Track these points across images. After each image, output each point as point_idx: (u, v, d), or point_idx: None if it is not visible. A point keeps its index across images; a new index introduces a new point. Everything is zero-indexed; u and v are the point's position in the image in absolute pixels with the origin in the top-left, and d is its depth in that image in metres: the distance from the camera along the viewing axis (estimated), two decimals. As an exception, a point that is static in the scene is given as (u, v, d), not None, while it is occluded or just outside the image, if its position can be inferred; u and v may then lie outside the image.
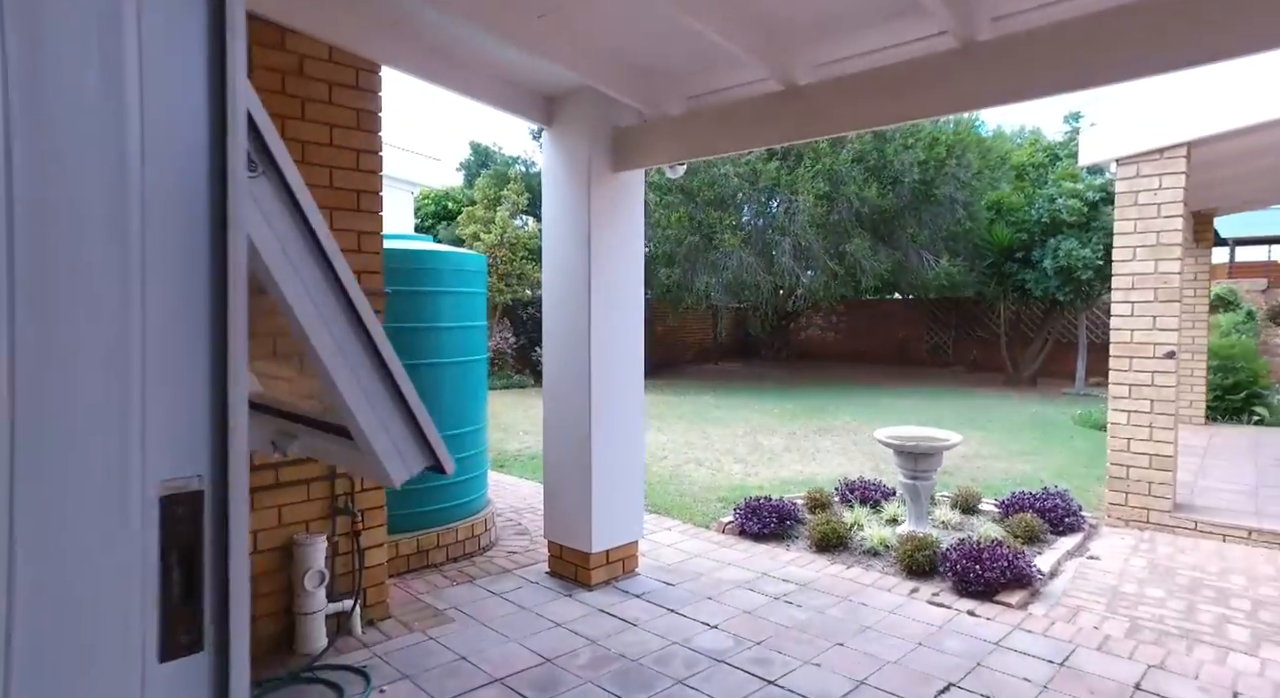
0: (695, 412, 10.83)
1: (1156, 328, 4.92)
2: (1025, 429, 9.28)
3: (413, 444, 1.32)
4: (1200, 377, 8.76)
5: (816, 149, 11.80)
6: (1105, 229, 11.50)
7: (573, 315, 3.98)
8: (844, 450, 7.95)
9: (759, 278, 12.51)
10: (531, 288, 14.25)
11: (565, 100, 3.97)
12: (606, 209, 3.94)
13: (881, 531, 4.73)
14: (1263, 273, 19.95)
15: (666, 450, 7.98)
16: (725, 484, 6.48)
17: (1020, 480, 6.51)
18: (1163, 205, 4.89)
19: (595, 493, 3.93)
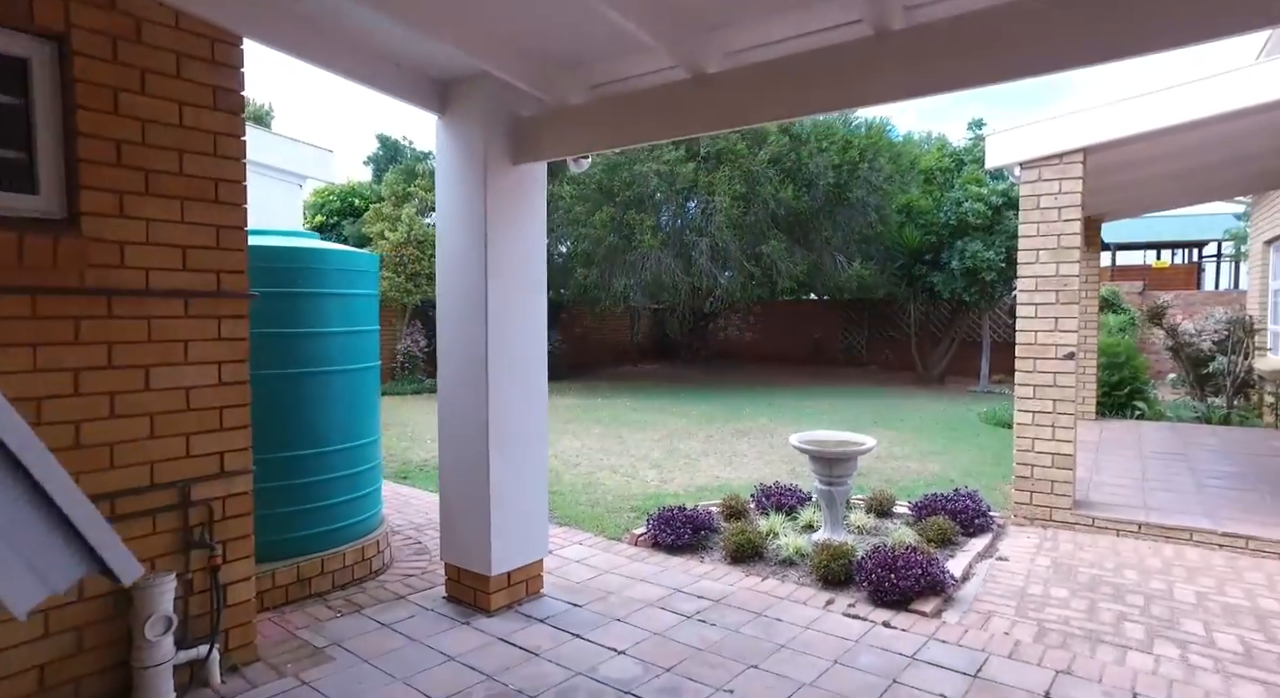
0: (612, 416, 10.61)
1: (1058, 329, 5.00)
2: (935, 428, 9.48)
3: (60, 552, 0.96)
4: (1092, 375, 9.17)
5: (735, 150, 11.78)
6: (1008, 232, 11.96)
7: (468, 321, 3.67)
8: (761, 454, 7.89)
9: (677, 279, 12.40)
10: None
11: (460, 86, 3.66)
12: (505, 205, 3.65)
13: (797, 539, 4.62)
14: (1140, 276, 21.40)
15: (580, 457, 7.72)
16: (640, 492, 6.28)
17: (932, 481, 6.58)
18: (1063, 209, 4.98)
19: (494, 512, 3.64)
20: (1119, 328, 11.72)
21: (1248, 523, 4.74)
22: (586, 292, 13.64)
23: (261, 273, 3.73)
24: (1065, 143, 4.93)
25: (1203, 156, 6.34)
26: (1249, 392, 9.82)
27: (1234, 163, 7.09)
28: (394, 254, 12.80)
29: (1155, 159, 6.05)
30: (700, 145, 12.21)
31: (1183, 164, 6.55)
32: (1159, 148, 5.44)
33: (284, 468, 3.80)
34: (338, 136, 60.57)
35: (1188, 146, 5.67)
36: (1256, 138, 5.85)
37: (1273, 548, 4.47)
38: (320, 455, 3.95)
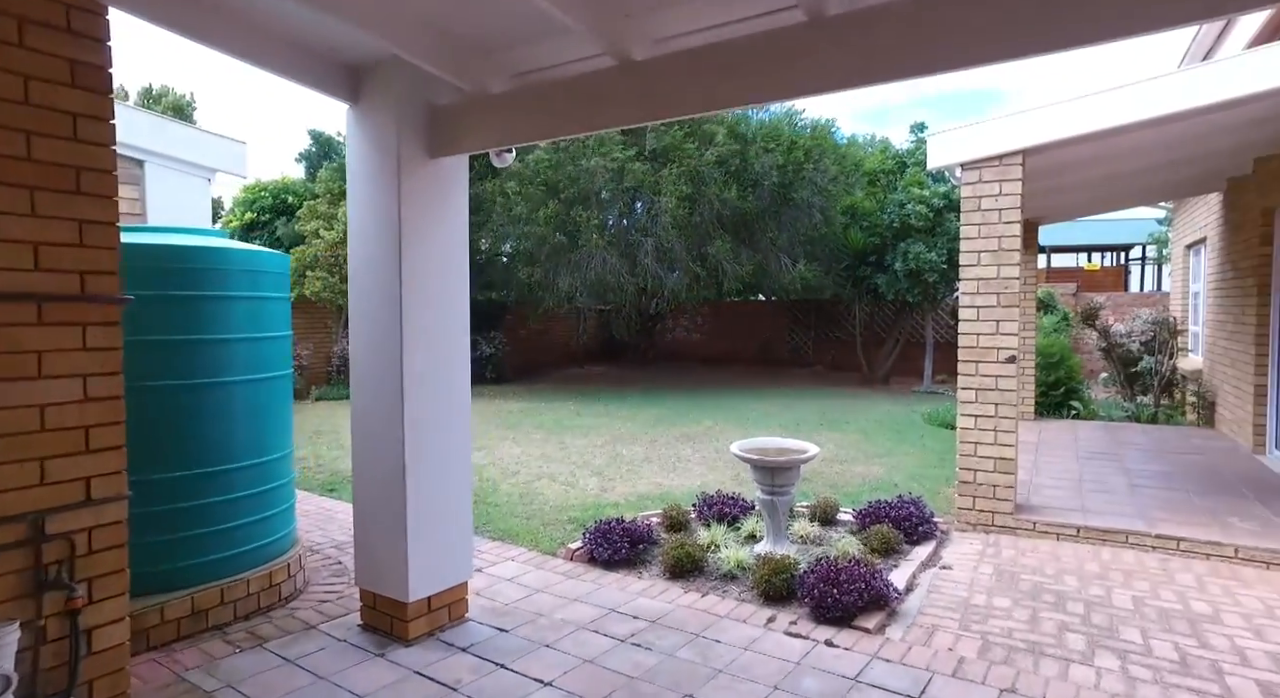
0: (555, 420, 10.34)
1: (1000, 332, 4.96)
2: (880, 429, 9.49)
3: None
4: (1031, 375, 9.30)
5: (682, 149, 11.62)
6: (949, 234, 12.10)
7: (381, 328, 3.38)
8: (705, 459, 7.73)
9: (622, 279, 12.19)
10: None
11: (372, 73, 3.38)
12: (422, 201, 3.38)
13: (739, 551, 4.45)
14: (1073, 278, 22.12)
15: (520, 465, 7.44)
16: (579, 502, 6.04)
17: (877, 485, 6.52)
18: (1003, 211, 4.93)
19: (412, 533, 3.36)
20: (1054, 328, 11.98)
21: (1177, 524, 4.77)
22: (530, 292, 13.33)
23: (153, 275, 3.39)
24: (1005, 144, 4.88)
25: (1133, 161, 6.43)
26: (1173, 390, 10.12)
27: (1160, 169, 7.23)
28: (329, 254, 12.27)
29: (1090, 162, 6.09)
30: (646, 142, 12.03)
31: (1114, 168, 6.64)
32: (1093, 151, 5.46)
33: (180, 489, 3.45)
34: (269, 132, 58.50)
35: (1120, 151, 5.72)
36: (1182, 144, 5.95)
37: (1200, 549, 4.50)
38: (222, 474, 3.61)
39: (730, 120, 12.52)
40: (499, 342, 15.37)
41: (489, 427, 9.76)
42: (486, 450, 8.20)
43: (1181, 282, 11.60)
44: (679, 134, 11.79)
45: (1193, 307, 11.02)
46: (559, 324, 18.05)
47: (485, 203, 12.94)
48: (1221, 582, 4.17)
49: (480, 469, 7.24)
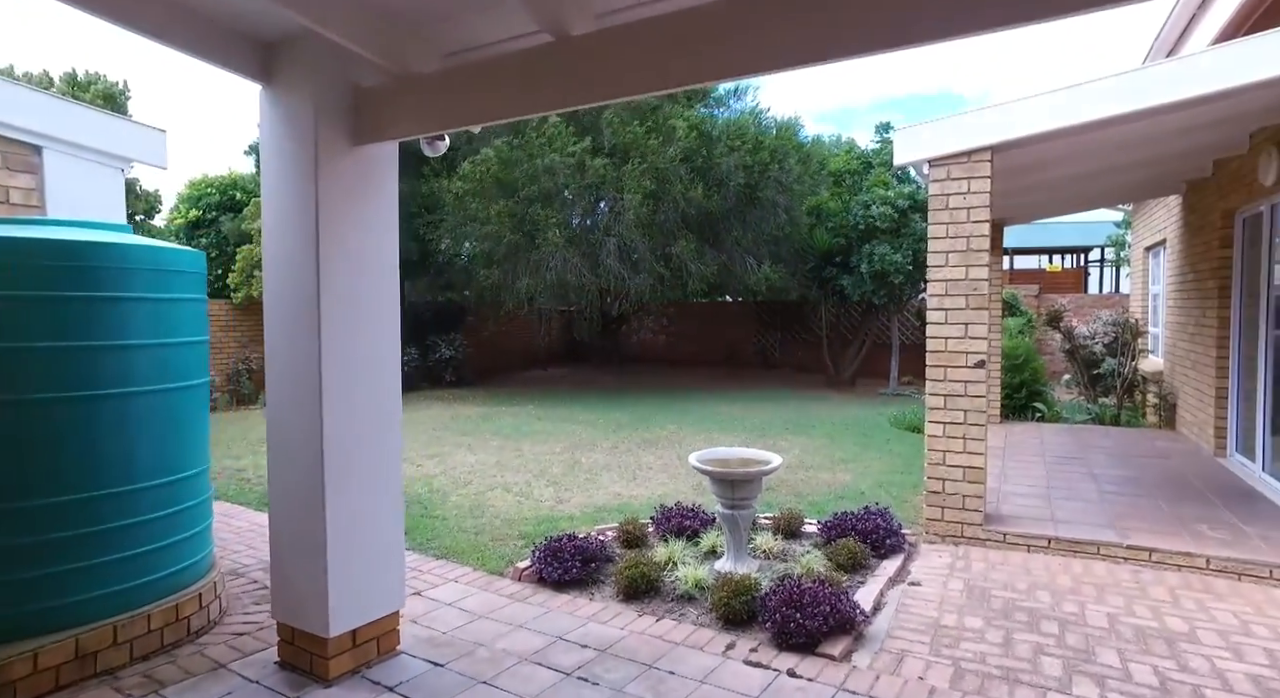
0: (514, 425, 9.99)
1: (969, 336, 4.77)
2: (847, 433, 9.33)
3: None
4: (998, 378, 9.21)
5: (643, 144, 11.35)
6: (914, 235, 12.02)
7: (297, 333, 3.04)
8: (667, 466, 7.46)
9: (584, 280, 11.88)
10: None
11: (286, 50, 3.03)
12: (344, 194, 3.05)
13: (697, 570, 4.18)
14: (1036, 280, 22.39)
15: (472, 475, 7.09)
16: (532, 515, 5.72)
17: (843, 493, 6.31)
18: (972, 210, 4.75)
19: (333, 561, 3.02)
20: (1018, 330, 11.97)
21: (1149, 535, 4.62)
22: (488, 294, 12.96)
23: (33, 273, 3.01)
24: (973, 140, 4.70)
25: (1097, 161, 6.32)
26: (1134, 392, 10.14)
27: (1123, 170, 7.15)
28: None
29: (1055, 162, 5.96)
30: (604, 138, 11.73)
31: (1078, 168, 6.53)
32: (1059, 150, 5.31)
33: (65, 516, 3.07)
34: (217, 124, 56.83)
35: (1085, 150, 5.59)
36: (1145, 144, 5.84)
37: (1172, 561, 4.35)
38: (120, 496, 3.23)
39: (695, 118, 12.29)
40: (459, 344, 14.96)
41: (444, 433, 9.38)
42: (439, 459, 7.83)
43: (1141, 283, 11.66)
44: (639, 129, 11.52)
45: (1152, 308, 11.07)
46: (522, 326, 17.67)
47: (440, 201, 12.54)
48: (1195, 595, 4.02)
49: (430, 480, 6.87)
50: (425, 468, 7.40)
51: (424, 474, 7.12)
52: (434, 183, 12.86)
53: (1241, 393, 6.80)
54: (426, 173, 13.15)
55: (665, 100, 12.32)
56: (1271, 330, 6.14)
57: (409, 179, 13.80)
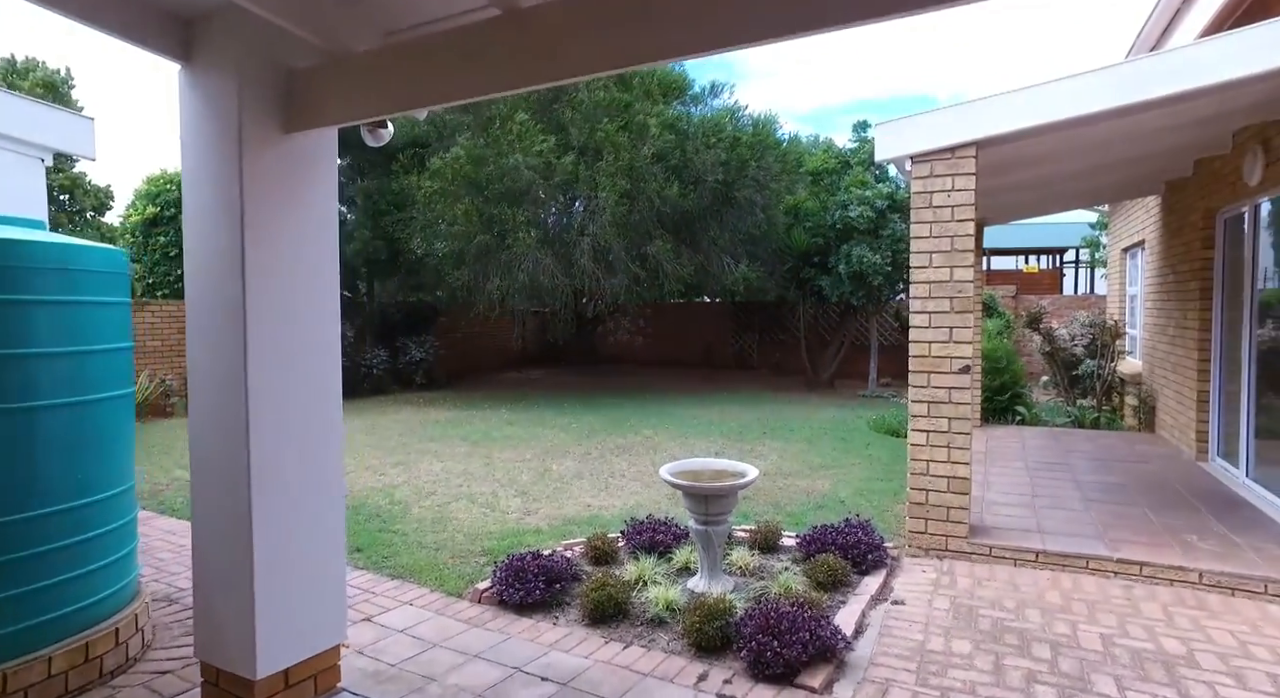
0: (484, 431, 9.67)
1: (953, 340, 4.56)
2: (825, 437, 9.13)
3: None
4: (978, 381, 9.07)
5: (614, 142, 11.07)
6: (893, 236, 11.88)
7: (221, 340, 2.73)
8: (641, 474, 7.20)
9: (557, 280, 11.57)
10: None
11: (208, 25, 2.72)
12: (273, 186, 2.74)
13: (669, 590, 3.92)
14: (1013, 281, 22.43)
15: (437, 485, 6.77)
16: (497, 529, 5.43)
17: (822, 502, 6.09)
18: (956, 208, 4.54)
19: (262, 594, 2.72)
20: (996, 332, 11.88)
21: (1138, 547, 4.45)
22: (460, 294, 12.60)
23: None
24: (958, 135, 4.49)
25: (1080, 160, 6.16)
26: (1112, 394, 10.07)
27: (1104, 169, 7.03)
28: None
29: (1037, 160, 5.79)
30: (575, 137, 11.44)
31: (1060, 168, 6.37)
32: (1043, 147, 5.14)
33: (-43, 545, 2.73)
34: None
35: (1070, 147, 5.42)
36: (1128, 142, 5.69)
37: (1164, 575, 4.18)
38: (17, 525, 2.89)
39: (670, 116, 12.04)
40: (430, 346, 14.58)
41: (410, 440, 9.03)
42: (404, 467, 7.50)
43: (1118, 285, 11.62)
44: (611, 127, 11.24)
45: (1130, 310, 11.02)
46: (496, 327, 17.31)
47: (411, 199, 12.17)
48: (1189, 613, 3.83)
49: (392, 490, 6.55)
50: (388, 477, 7.07)
51: (386, 484, 6.79)
52: (404, 180, 12.49)
53: (1223, 396, 6.69)
54: (396, 170, 12.77)
55: (639, 97, 12.06)
56: (1255, 332, 6.03)
57: (378, 176, 13.42)
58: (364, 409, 11.67)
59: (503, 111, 11.48)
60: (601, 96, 11.54)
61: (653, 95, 12.31)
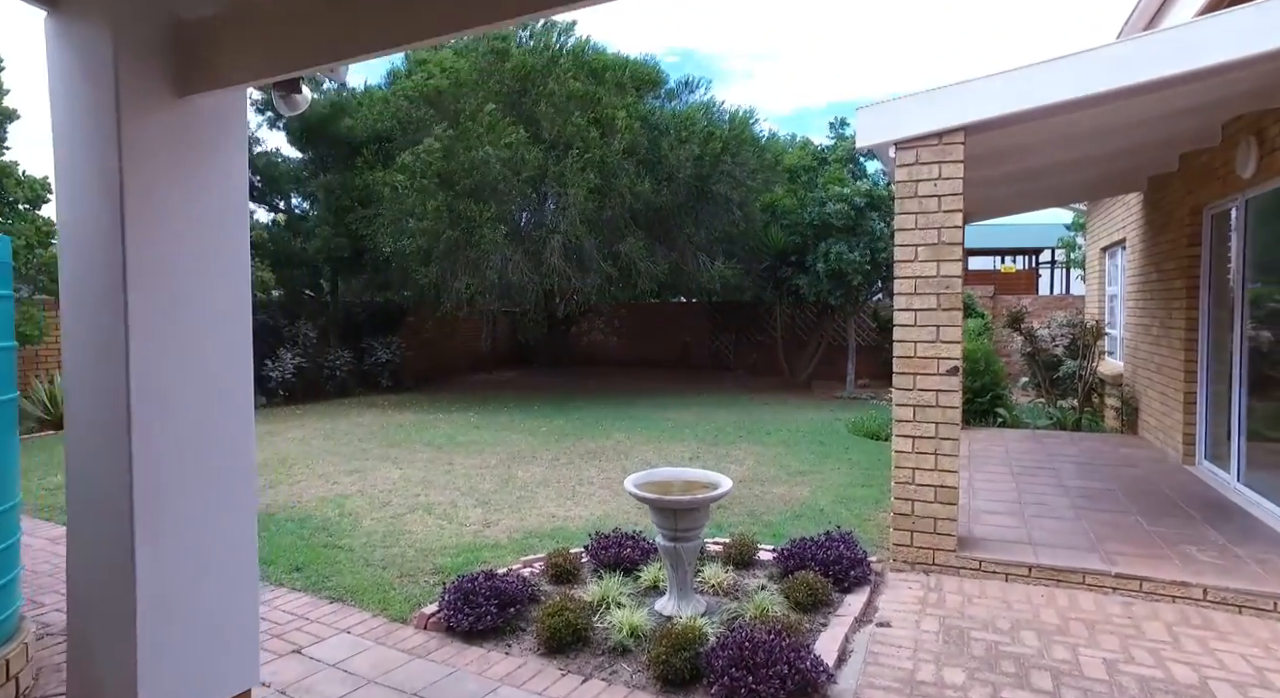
0: (449, 435, 9.24)
1: (940, 339, 4.26)
2: (804, 440, 8.82)
3: None
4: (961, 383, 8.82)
5: (585, 137, 10.70)
6: (871, 234, 11.63)
7: (102, 345, 2.32)
8: (610, 481, 6.83)
9: (527, 279, 11.17)
10: (257, 288, 11.74)
11: (85, -34, 2.31)
12: (163, 161, 2.34)
13: (635, 613, 3.56)
14: (990, 281, 22.40)
15: (393, 494, 6.34)
16: (453, 543, 5.03)
17: (800, 511, 5.77)
18: (944, 198, 4.24)
19: (144, 636, 2.31)
20: (976, 332, 11.68)
21: (1137, 560, 4.17)
22: (428, 293, 12.14)
23: None
24: (946, 119, 4.19)
25: (1071, 150, 5.91)
26: (1093, 395, 9.90)
27: (1088, 163, 6.80)
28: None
29: (1028, 149, 5.53)
30: (546, 130, 11.05)
31: (1050, 158, 6.12)
32: (1036, 133, 4.86)
33: None
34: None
35: (1063, 135, 5.15)
36: (1116, 132, 5.45)
37: (1165, 591, 3.90)
38: None
39: (641, 109, 11.69)
40: (396, 347, 14.08)
41: (370, 445, 8.58)
42: (359, 475, 7.05)
43: (1097, 285, 11.48)
44: (581, 120, 10.86)
45: (1109, 310, 10.88)
46: (466, 327, 16.84)
47: (377, 195, 11.68)
48: (1196, 634, 3.55)
49: (344, 501, 6.11)
50: (341, 486, 6.62)
51: (338, 494, 6.35)
52: (369, 175, 12.00)
53: (1210, 398, 6.48)
54: (360, 165, 12.27)
55: (610, 90, 11.71)
56: (1245, 331, 5.82)
57: (340, 171, 12.91)
58: (325, 413, 11.18)
59: (472, 104, 11.06)
60: (573, 87, 11.16)
61: (625, 88, 11.96)
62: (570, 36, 12.17)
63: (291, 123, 12.09)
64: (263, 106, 12.07)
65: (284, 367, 12.10)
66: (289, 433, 9.34)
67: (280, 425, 9.96)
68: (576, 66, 11.73)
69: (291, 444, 8.59)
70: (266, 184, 12.83)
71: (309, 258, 12.68)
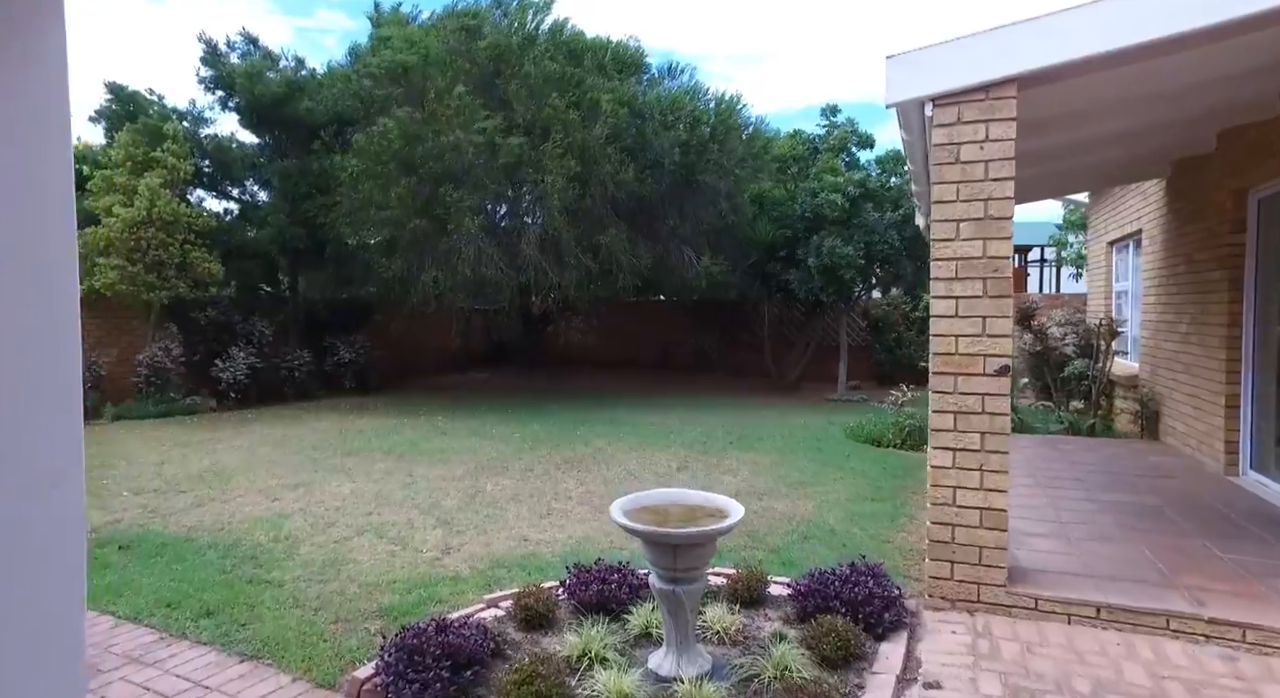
0: (412, 441, 8.42)
1: (987, 333, 3.55)
2: (800, 447, 8.13)
3: None
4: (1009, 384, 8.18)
5: (564, 119, 9.93)
6: (865, 226, 10.99)
7: None
8: (590, 496, 6.07)
9: (501, 273, 10.37)
10: (208, 284, 10.83)
11: None
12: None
13: (624, 677, 2.81)
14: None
15: (340, 513, 5.53)
16: (405, 575, 4.24)
17: (808, 531, 5.05)
18: (992, 164, 3.54)
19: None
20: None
21: (1228, 599, 3.49)
22: (394, 288, 11.29)
23: None
24: (994, 68, 3.49)
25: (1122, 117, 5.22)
26: (1102, 398, 9.32)
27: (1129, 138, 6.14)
28: (128, 236, 9.81)
29: (1083, 116, 4.84)
30: (521, 114, 10.26)
31: (1092, 130, 5.45)
32: (1097, 92, 4.17)
33: None
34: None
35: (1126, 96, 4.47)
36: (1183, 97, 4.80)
37: (1275, 642, 3.19)
38: None
39: (625, 93, 10.95)
40: (361, 346, 13.20)
41: (323, 453, 7.74)
42: (305, 489, 6.22)
43: (1103, 281, 10.92)
44: (560, 103, 10.10)
45: (1118, 307, 10.32)
46: (438, 324, 15.95)
47: (337, 181, 10.82)
48: (1319, 695, 2.87)
49: (281, 522, 5.28)
50: (282, 503, 5.80)
51: (277, 512, 5.53)
52: (326, 159, 11.13)
53: (1256, 400, 5.87)
54: (318, 149, 11.39)
55: (591, 72, 10.95)
56: (1300, 327, 5.20)
57: (297, 155, 12.01)
58: (279, 417, 10.29)
59: (440, 85, 10.23)
60: (551, 68, 10.39)
61: (606, 71, 11.21)
62: (547, 14, 11.40)
63: (243, 103, 11.16)
64: (212, 84, 11.14)
65: (236, 367, 11.19)
66: (234, 440, 8.47)
67: (226, 432, 9.07)
68: (554, 47, 10.97)
69: (234, 453, 7.72)
70: (218, 170, 11.89)
71: (262, 248, 11.76)
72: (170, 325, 10.93)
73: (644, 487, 6.27)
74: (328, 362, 12.84)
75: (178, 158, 10.41)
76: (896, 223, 10.94)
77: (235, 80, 10.97)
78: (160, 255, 10.01)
